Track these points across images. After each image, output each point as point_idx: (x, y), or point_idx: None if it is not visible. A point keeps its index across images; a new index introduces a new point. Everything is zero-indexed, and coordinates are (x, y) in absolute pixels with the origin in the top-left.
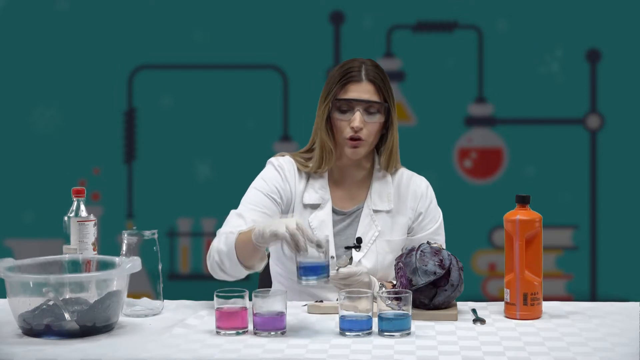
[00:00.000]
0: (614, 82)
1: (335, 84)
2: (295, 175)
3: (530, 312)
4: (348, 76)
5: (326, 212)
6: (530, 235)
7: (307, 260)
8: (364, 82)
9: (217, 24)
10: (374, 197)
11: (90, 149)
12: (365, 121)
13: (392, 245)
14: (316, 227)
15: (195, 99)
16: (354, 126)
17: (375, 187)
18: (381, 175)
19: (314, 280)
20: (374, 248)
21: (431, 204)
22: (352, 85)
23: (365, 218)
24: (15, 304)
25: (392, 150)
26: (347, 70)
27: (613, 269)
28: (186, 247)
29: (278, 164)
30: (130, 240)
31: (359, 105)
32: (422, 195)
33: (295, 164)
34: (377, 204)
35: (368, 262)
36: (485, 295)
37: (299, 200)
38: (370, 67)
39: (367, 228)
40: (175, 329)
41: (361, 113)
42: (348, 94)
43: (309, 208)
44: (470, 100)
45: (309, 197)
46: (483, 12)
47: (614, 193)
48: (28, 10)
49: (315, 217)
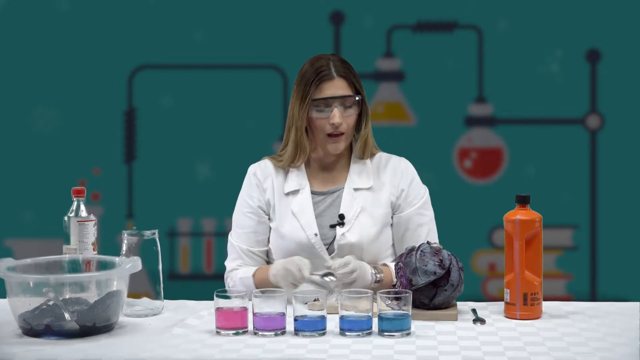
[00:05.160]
0: (614, 82)
1: (309, 85)
2: (272, 173)
3: (530, 312)
4: (320, 75)
5: (305, 195)
6: (530, 235)
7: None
8: (336, 79)
9: (217, 24)
10: (354, 176)
11: (90, 149)
12: (343, 116)
13: (375, 218)
14: (297, 211)
15: (195, 99)
16: (334, 122)
17: (354, 169)
18: (359, 159)
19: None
20: (357, 223)
21: (413, 181)
22: (326, 84)
23: (347, 196)
24: (15, 304)
25: (366, 139)
26: (317, 69)
27: (613, 269)
28: (186, 247)
29: (253, 172)
30: (130, 240)
31: (335, 102)
32: (402, 172)
33: (272, 162)
34: (357, 182)
35: (352, 236)
36: (485, 295)
37: (280, 193)
38: (338, 62)
39: (349, 205)
40: (175, 329)
41: (338, 109)
42: (323, 92)
43: (290, 195)
44: (470, 100)
45: (288, 186)
46: (483, 12)
47: (614, 193)
48: (28, 10)
49: (295, 202)
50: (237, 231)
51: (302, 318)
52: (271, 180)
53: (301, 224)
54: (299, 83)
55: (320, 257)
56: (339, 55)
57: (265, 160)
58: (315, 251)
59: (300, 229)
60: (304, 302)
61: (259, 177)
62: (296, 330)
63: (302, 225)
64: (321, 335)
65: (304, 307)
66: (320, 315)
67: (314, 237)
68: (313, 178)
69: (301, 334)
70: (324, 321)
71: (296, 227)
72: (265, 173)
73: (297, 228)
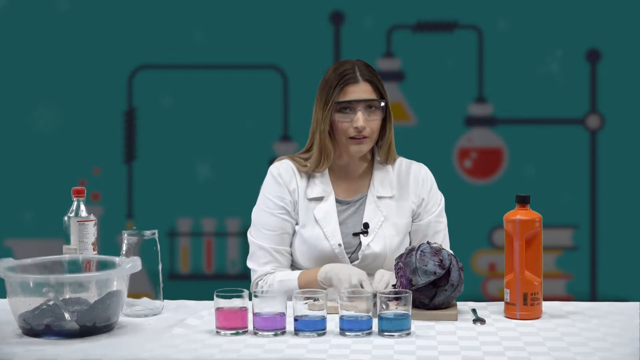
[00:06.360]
0: (614, 82)
1: (334, 87)
2: (296, 175)
3: (530, 312)
4: (345, 79)
5: (330, 203)
6: (530, 235)
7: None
8: (361, 83)
9: (217, 24)
10: (377, 185)
11: (90, 149)
12: (367, 120)
13: (398, 228)
14: (321, 219)
15: (195, 99)
16: (358, 126)
17: (377, 176)
18: (381, 166)
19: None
20: (381, 232)
21: (432, 188)
22: (350, 87)
23: (370, 205)
24: (15, 304)
25: (390, 144)
26: (342, 73)
27: (613, 269)
28: (186, 247)
29: (277, 173)
30: (130, 240)
31: (359, 105)
32: (423, 180)
33: (294, 164)
34: (380, 191)
35: (376, 246)
36: (485, 295)
37: (302, 197)
38: (363, 67)
39: (373, 214)
40: (175, 329)
41: (362, 112)
42: (348, 95)
43: (314, 201)
44: (470, 100)
45: (312, 191)
46: (483, 12)
47: (614, 193)
48: (28, 10)
49: (319, 209)
50: (265, 232)
51: (302, 318)
52: (295, 182)
53: (325, 233)
54: (323, 87)
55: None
56: (364, 61)
57: (287, 161)
58: (338, 260)
59: (324, 237)
60: (304, 302)
61: (284, 178)
62: (296, 330)
63: (325, 234)
64: (321, 335)
65: (304, 307)
66: (320, 315)
67: (338, 248)
68: (336, 186)
69: (301, 334)
70: (324, 321)
71: (319, 235)
72: (289, 174)
73: (320, 236)
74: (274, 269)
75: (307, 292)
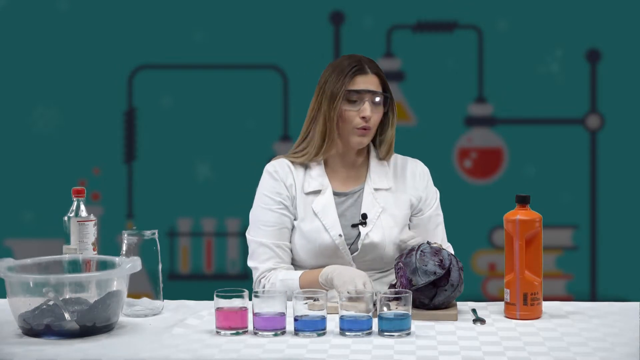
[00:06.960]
0: (614, 82)
1: (345, 76)
2: (292, 171)
3: (530, 312)
4: (355, 69)
5: (327, 196)
6: (530, 235)
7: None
8: (370, 75)
9: (217, 24)
10: (374, 176)
11: (90, 149)
12: (372, 111)
13: (396, 219)
14: (320, 211)
15: (195, 99)
16: (365, 115)
17: (374, 169)
18: (377, 159)
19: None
20: (379, 223)
21: (429, 182)
22: (360, 77)
23: (368, 196)
24: (15, 304)
25: (392, 140)
26: (351, 63)
27: (613, 269)
28: (186, 247)
29: (273, 170)
30: (130, 240)
31: (367, 95)
32: (419, 175)
33: (289, 160)
34: (377, 182)
35: (375, 235)
36: (485, 295)
37: (300, 191)
38: (370, 62)
39: (370, 205)
40: (175, 329)
41: (369, 103)
42: (357, 84)
43: (311, 195)
44: (470, 100)
45: (309, 185)
46: (483, 12)
47: (614, 193)
48: (28, 10)
49: (317, 202)
50: (265, 229)
51: (302, 318)
52: (292, 177)
53: (324, 225)
54: (330, 74)
55: (342, 258)
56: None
57: (282, 159)
58: (339, 252)
59: (324, 229)
60: (304, 302)
61: (280, 174)
62: (296, 330)
63: (325, 226)
64: (321, 335)
65: (304, 307)
66: (320, 315)
67: (339, 238)
68: (333, 178)
69: (301, 334)
70: (324, 321)
71: (319, 228)
72: (285, 170)
73: (320, 229)
74: (275, 264)
75: (307, 292)
